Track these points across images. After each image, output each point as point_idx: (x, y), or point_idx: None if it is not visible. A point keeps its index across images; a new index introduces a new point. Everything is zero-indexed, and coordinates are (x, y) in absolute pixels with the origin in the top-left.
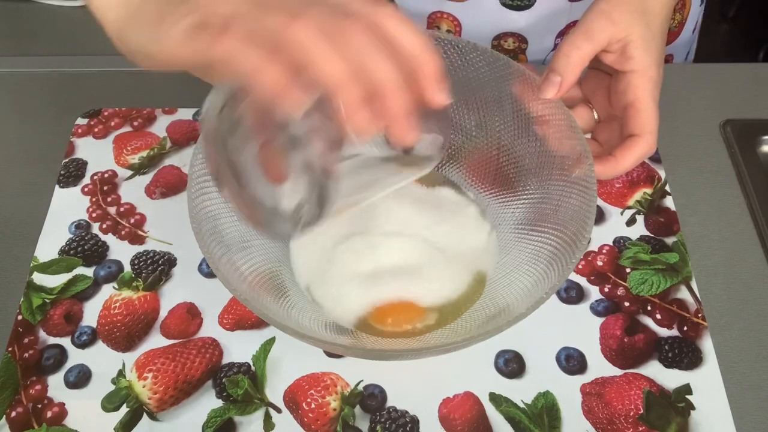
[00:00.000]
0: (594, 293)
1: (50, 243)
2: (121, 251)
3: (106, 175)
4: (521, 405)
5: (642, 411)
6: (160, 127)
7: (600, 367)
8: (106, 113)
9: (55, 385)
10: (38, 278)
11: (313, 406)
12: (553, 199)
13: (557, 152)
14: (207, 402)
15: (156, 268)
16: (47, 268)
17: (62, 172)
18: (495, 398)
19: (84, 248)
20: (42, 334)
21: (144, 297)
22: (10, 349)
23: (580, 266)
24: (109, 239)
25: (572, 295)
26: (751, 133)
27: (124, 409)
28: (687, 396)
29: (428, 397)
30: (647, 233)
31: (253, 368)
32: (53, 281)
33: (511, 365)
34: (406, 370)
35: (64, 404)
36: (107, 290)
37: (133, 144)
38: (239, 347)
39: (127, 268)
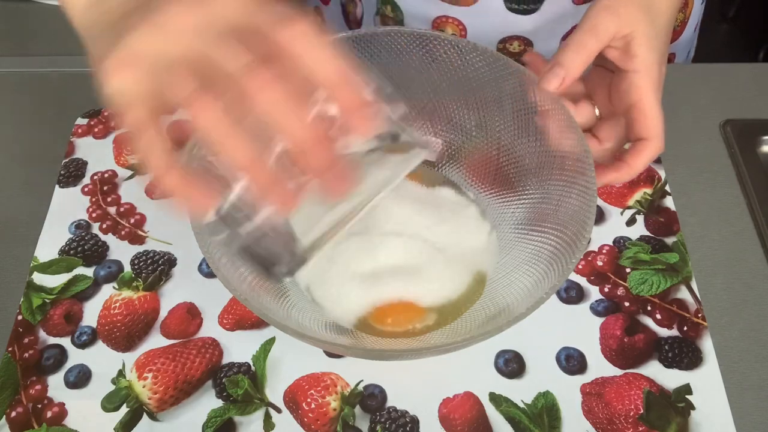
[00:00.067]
0: (594, 293)
1: (50, 243)
2: (121, 251)
3: (106, 175)
4: (521, 405)
5: (642, 411)
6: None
7: (600, 367)
8: (106, 113)
9: (55, 385)
10: (38, 278)
11: (313, 406)
12: (553, 199)
13: (556, 148)
14: (207, 402)
15: (156, 268)
16: (47, 268)
17: (62, 172)
18: (495, 398)
19: (84, 248)
20: (42, 334)
21: (144, 297)
22: (10, 349)
23: (580, 266)
24: (109, 239)
25: (572, 295)
26: (751, 133)
27: (124, 409)
28: (687, 396)
29: (428, 397)
30: (647, 233)
31: (253, 368)
32: (53, 281)
33: (511, 365)
34: (406, 370)
35: (64, 404)
36: (107, 290)
37: None
38: (239, 347)
39: (127, 268)
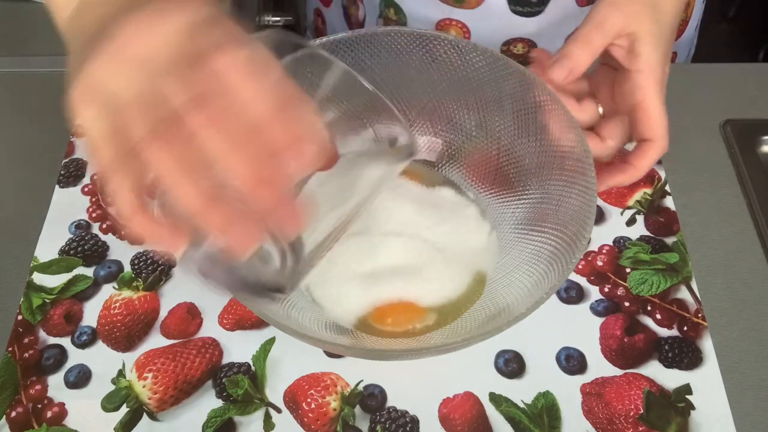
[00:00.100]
0: (594, 293)
1: (50, 243)
2: (121, 251)
3: None
4: (521, 405)
5: (642, 411)
6: None
7: (600, 367)
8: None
9: (55, 385)
10: (38, 278)
11: (313, 406)
12: (553, 199)
13: (557, 143)
14: (207, 402)
15: (156, 268)
16: (47, 268)
17: (62, 172)
18: (495, 398)
19: (84, 248)
20: (42, 334)
21: (144, 297)
22: (10, 349)
23: (580, 266)
24: (109, 239)
25: (572, 295)
26: (751, 133)
27: (124, 409)
28: (687, 396)
29: (428, 397)
30: (647, 233)
31: (253, 368)
32: (53, 281)
33: (511, 365)
34: (406, 370)
35: (64, 404)
36: (107, 290)
37: None
38: (239, 347)
39: (127, 268)
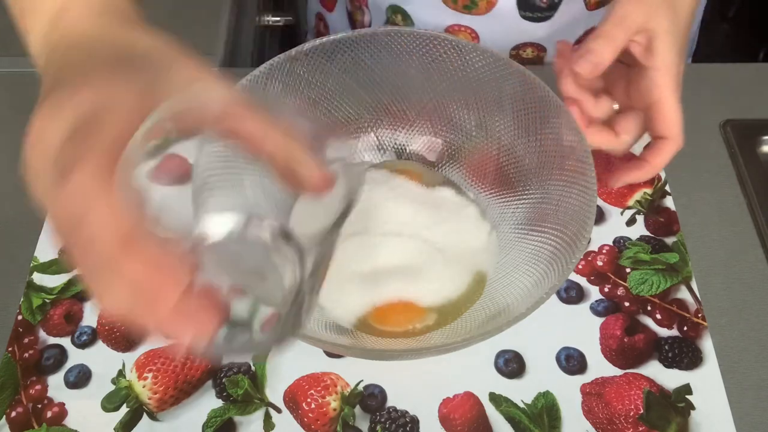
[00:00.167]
0: (594, 293)
1: (50, 243)
2: None
3: None
4: (521, 405)
5: (642, 411)
6: None
7: (600, 367)
8: None
9: (55, 385)
10: (38, 278)
11: (313, 406)
12: (553, 199)
13: (557, 144)
14: (207, 402)
15: None
16: (47, 268)
17: None
18: (495, 398)
19: None
20: (42, 334)
21: None
22: (10, 349)
23: (580, 266)
24: None
25: (572, 295)
26: (751, 133)
27: (124, 409)
28: (687, 396)
29: (428, 397)
30: (647, 233)
31: (253, 368)
32: (53, 281)
33: (511, 365)
34: (406, 370)
35: (64, 404)
36: None
37: None
38: None
39: None
